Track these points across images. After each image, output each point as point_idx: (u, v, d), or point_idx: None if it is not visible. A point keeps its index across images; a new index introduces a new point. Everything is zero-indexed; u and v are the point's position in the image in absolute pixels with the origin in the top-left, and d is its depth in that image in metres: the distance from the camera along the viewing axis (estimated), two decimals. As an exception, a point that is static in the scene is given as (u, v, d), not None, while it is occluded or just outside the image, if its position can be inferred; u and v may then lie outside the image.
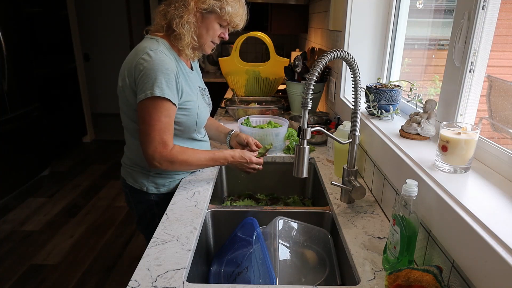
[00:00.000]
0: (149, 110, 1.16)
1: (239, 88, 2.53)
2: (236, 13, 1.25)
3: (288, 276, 1.02)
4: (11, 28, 3.28)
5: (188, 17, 1.20)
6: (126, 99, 1.23)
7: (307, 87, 0.94)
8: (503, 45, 1.09)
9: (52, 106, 4.08)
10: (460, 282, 0.72)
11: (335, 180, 1.29)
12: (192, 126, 1.32)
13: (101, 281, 2.33)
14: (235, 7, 1.24)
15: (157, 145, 1.18)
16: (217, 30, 1.27)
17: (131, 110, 1.24)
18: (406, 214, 0.80)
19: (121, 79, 1.23)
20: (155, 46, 1.19)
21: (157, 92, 1.14)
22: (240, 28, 1.31)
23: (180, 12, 1.19)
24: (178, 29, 1.20)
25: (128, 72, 1.19)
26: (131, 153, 1.34)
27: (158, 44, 1.20)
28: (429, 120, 1.10)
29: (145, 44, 1.20)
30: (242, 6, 1.27)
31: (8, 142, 3.24)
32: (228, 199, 1.61)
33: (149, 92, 1.14)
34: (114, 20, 5.65)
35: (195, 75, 1.38)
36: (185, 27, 1.20)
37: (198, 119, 1.32)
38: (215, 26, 1.26)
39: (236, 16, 1.25)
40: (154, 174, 1.32)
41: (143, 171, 1.32)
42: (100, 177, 3.84)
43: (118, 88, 1.26)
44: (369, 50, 1.73)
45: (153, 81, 1.14)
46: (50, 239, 2.75)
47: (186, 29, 1.21)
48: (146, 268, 0.88)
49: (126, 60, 1.24)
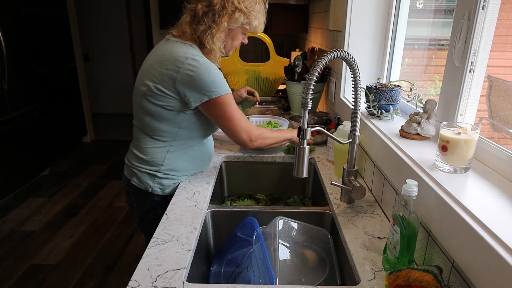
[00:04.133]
0: (223, 107, 1.25)
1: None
2: (260, 24, 1.33)
3: (288, 276, 1.02)
4: (11, 28, 3.28)
5: (220, 34, 1.26)
6: (156, 101, 1.23)
7: (307, 87, 0.94)
8: (503, 45, 1.09)
9: (52, 106, 4.08)
10: (460, 282, 0.72)
11: (335, 180, 1.29)
12: (214, 126, 1.38)
13: (101, 281, 2.33)
14: (260, 19, 1.32)
15: (247, 131, 1.31)
16: (241, 38, 1.36)
17: (161, 110, 1.24)
18: (406, 214, 0.80)
19: (150, 82, 1.22)
20: (195, 51, 1.24)
21: (223, 90, 1.23)
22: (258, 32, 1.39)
23: (212, 31, 1.24)
24: (209, 45, 1.25)
25: (168, 76, 1.20)
26: (142, 152, 1.32)
27: (196, 50, 1.25)
28: (429, 120, 1.10)
29: (183, 50, 1.22)
30: (263, 14, 1.34)
31: (8, 142, 3.24)
32: (228, 199, 1.61)
33: (214, 93, 1.21)
34: (114, 20, 5.64)
35: None
36: (217, 44, 1.26)
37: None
38: (240, 36, 1.34)
39: (260, 25, 1.34)
40: (161, 175, 1.32)
41: (150, 171, 1.32)
42: (100, 177, 3.84)
43: (143, 90, 1.25)
44: (369, 50, 1.73)
45: (212, 82, 1.20)
46: (50, 239, 2.75)
47: (217, 45, 1.27)
48: (146, 268, 0.88)
49: (155, 63, 1.23)
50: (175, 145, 1.31)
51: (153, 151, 1.31)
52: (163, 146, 1.30)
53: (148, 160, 1.31)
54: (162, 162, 1.31)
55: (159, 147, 1.30)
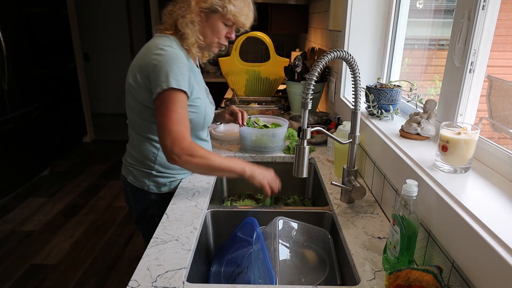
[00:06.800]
0: (166, 102, 1.15)
1: (239, 88, 2.53)
2: (240, 12, 1.23)
3: (288, 276, 1.02)
4: (11, 28, 3.28)
5: (191, 16, 1.21)
6: (136, 96, 1.23)
7: (307, 87, 0.94)
8: (503, 45, 1.09)
9: (52, 106, 4.08)
10: (460, 282, 0.72)
11: (335, 180, 1.29)
12: (200, 124, 1.33)
13: (101, 281, 2.33)
14: (238, 5, 1.22)
15: (175, 137, 1.14)
16: (222, 29, 1.26)
17: (141, 106, 1.24)
18: (406, 214, 0.80)
19: (131, 76, 1.23)
20: (167, 42, 1.20)
21: (173, 83, 1.13)
22: (247, 27, 1.29)
23: (183, 12, 1.20)
24: (183, 28, 1.21)
25: (140, 68, 1.20)
26: (135, 151, 1.33)
27: (170, 41, 1.21)
28: (429, 120, 1.10)
29: (157, 41, 1.21)
30: (247, 4, 1.25)
31: (8, 142, 3.24)
32: (228, 199, 1.61)
33: (165, 84, 1.13)
34: (114, 20, 5.64)
35: (201, 74, 1.40)
36: (189, 26, 1.21)
37: (206, 117, 1.34)
38: (220, 26, 1.25)
39: (241, 15, 1.24)
40: (156, 173, 1.32)
41: (145, 169, 1.32)
42: (100, 177, 3.83)
43: (127, 86, 1.26)
44: (369, 50, 1.73)
45: (167, 73, 1.14)
46: (50, 239, 2.75)
47: (190, 28, 1.21)
48: (146, 268, 0.88)
49: (136, 57, 1.25)
50: None
51: (145, 149, 1.30)
52: (153, 144, 1.30)
53: (142, 158, 1.31)
54: (154, 160, 1.30)
55: (150, 145, 1.30)
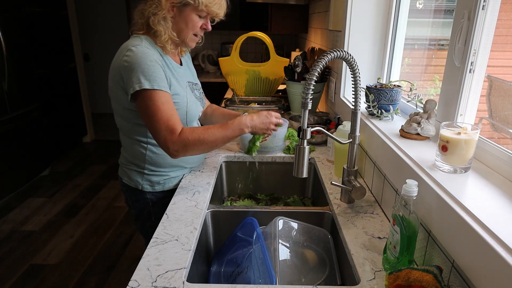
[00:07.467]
0: (145, 102, 1.15)
1: (239, 88, 2.53)
2: (212, 2, 1.21)
3: (288, 276, 1.02)
4: (11, 28, 3.28)
5: (163, 12, 1.19)
6: (117, 99, 1.25)
7: (307, 87, 0.94)
8: (503, 45, 1.09)
9: (52, 106, 4.08)
10: (460, 282, 0.72)
11: (335, 180, 1.29)
12: (182, 120, 1.30)
13: (101, 281, 2.33)
14: None
15: (165, 134, 1.16)
16: (197, 22, 1.24)
17: (122, 109, 1.25)
18: (406, 214, 0.80)
19: (110, 79, 1.25)
20: (137, 42, 1.19)
21: (145, 84, 1.13)
22: (221, 16, 1.27)
23: (154, 10, 1.19)
24: (155, 26, 1.20)
25: (115, 71, 1.20)
26: (126, 152, 1.35)
27: (140, 40, 1.21)
28: (429, 120, 1.10)
29: (127, 42, 1.22)
30: None
31: (8, 142, 3.24)
32: (228, 199, 1.61)
33: (137, 85, 1.13)
34: (114, 20, 5.64)
35: (185, 70, 1.39)
36: (161, 23, 1.20)
37: (188, 113, 1.33)
38: (194, 18, 1.23)
39: (213, 5, 1.21)
40: (148, 172, 1.33)
41: (137, 169, 1.33)
42: (100, 177, 3.84)
43: (108, 90, 1.27)
44: (369, 50, 1.73)
45: (139, 73, 1.13)
46: (50, 239, 2.75)
47: (162, 25, 1.20)
48: (146, 268, 0.89)
49: (112, 61, 1.25)
50: (151, 142, 1.30)
51: (134, 150, 1.31)
52: (141, 145, 1.30)
53: (132, 159, 1.33)
54: (144, 160, 1.31)
55: (138, 146, 1.30)
